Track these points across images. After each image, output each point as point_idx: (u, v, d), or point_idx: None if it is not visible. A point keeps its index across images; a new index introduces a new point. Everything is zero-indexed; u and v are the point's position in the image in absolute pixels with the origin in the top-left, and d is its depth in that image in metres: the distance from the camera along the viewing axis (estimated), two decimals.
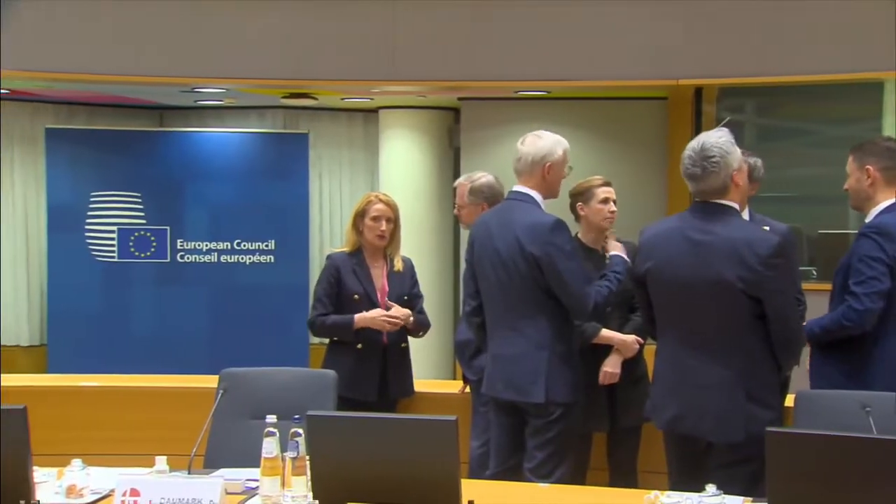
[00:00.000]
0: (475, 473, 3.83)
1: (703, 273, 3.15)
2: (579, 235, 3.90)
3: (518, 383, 3.51)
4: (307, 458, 2.68)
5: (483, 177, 4.15)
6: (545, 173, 3.57)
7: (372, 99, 7.86)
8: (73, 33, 6.10)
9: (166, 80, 6.43)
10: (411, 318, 4.12)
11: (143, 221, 7.82)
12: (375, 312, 4.07)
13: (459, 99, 7.66)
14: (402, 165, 8.05)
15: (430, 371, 7.14)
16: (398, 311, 4.08)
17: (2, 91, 7.46)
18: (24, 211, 8.20)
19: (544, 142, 3.58)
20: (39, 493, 2.75)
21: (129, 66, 6.18)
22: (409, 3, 6.21)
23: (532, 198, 3.57)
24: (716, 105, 6.80)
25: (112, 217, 7.78)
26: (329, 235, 8.53)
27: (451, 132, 8.14)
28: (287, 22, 6.22)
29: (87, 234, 7.75)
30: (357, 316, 4.06)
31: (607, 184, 3.91)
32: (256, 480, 2.84)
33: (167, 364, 6.74)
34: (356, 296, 4.11)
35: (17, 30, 5.98)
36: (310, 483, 2.66)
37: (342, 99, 7.91)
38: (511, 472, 3.57)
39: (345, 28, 6.24)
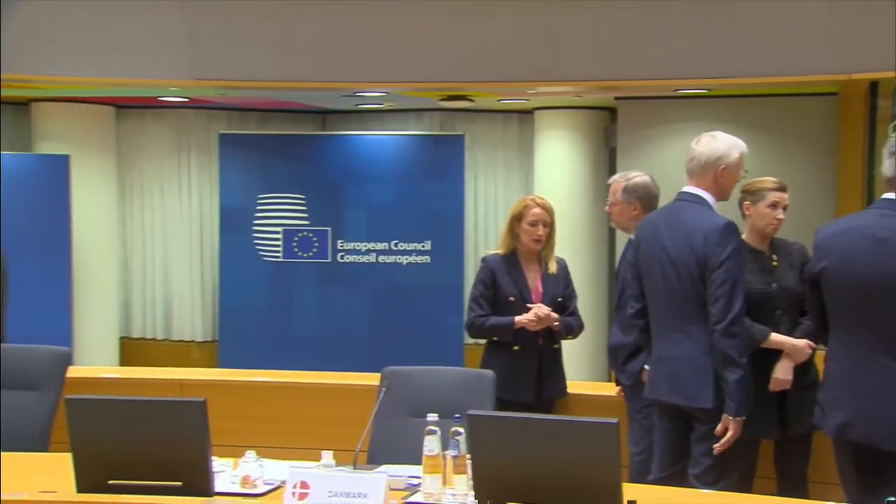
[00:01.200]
0: (635, 480, 3.78)
1: (890, 271, 3.02)
2: (744, 237, 3.78)
3: (685, 387, 3.43)
4: (468, 457, 2.73)
5: (638, 176, 4.09)
6: (718, 175, 3.48)
7: (528, 100, 7.88)
8: (248, 43, 6.38)
9: (331, 86, 6.65)
10: (556, 323, 4.12)
11: (307, 222, 8.10)
12: (532, 314, 4.09)
13: (616, 98, 7.57)
14: (558, 166, 8.03)
15: (584, 372, 7.10)
16: (541, 310, 4.09)
17: (181, 99, 7.93)
18: (199, 213, 8.63)
19: (719, 143, 3.50)
20: (217, 483, 2.90)
21: (297, 72, 6.41)
22: (566, 4, 6.19)
23: (703, 199, 3.49)
24: (893, 99, 6.45)
25: (278, 218, 8.10)
26: (484, 237, 8.60)
27: (608, 132, 8.06)
28: (445, 26, 6.32)
29: (255, 234, 8.10)
30: (517, 318, 4.09)
31: (781, 188, 3.77)
32: (418, 477, 2.91)
33: (327, 360, 6.98)
34: (511, 298, 4.14)
35: (196, 43, 6.33)
36: (471, 482, 2.71)
37: (498, 101, 7.96)
38: (675, 478, 3.49)
39: (501, 30, 6.27)
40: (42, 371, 3.94)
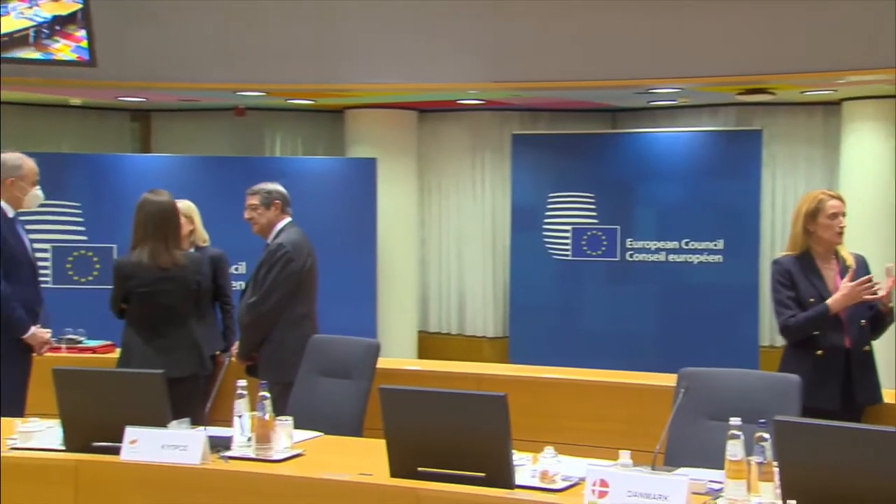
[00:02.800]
0: None
1: None
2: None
3: None
4: (775, 464, 2.63)
5: None
6: None
7: (835, 90, 7.42)
8: (544, 45, 6.50)
9: (625, 83, 6.62)
10: (878, 290, 3.89)
11: (596, 221, 8.10)
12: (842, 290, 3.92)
13: None
14: (868, 161, 7.50)
15: None
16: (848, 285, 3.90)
17: (478, 101, 8.21)
18: (492, 212, 8.88)
19: None
20: (517, 476, 2.98)
21: (591, 71, 6.45)
22: None
23: None
24: None
25: (567, 217, 8.16)
26: (781, 235, 8.19)
27: None
28: (742, 16, 6.10)
29: (545, 233, 8.22)
30: (829, 301, 3.91)
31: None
32: (719, 482, 2.84)
33: (615, 359, 6.94)
34: (811, 299, 3.95)
35: (495, 47, 6.54)
36: (778, 491, 2.60)
37: (801, 93, 7.57)
38: None
39: (804, 17, 5.96)
40: (355, 361, 4.23)
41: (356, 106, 8.46)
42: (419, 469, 2.99)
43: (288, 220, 4.79)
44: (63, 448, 3.31)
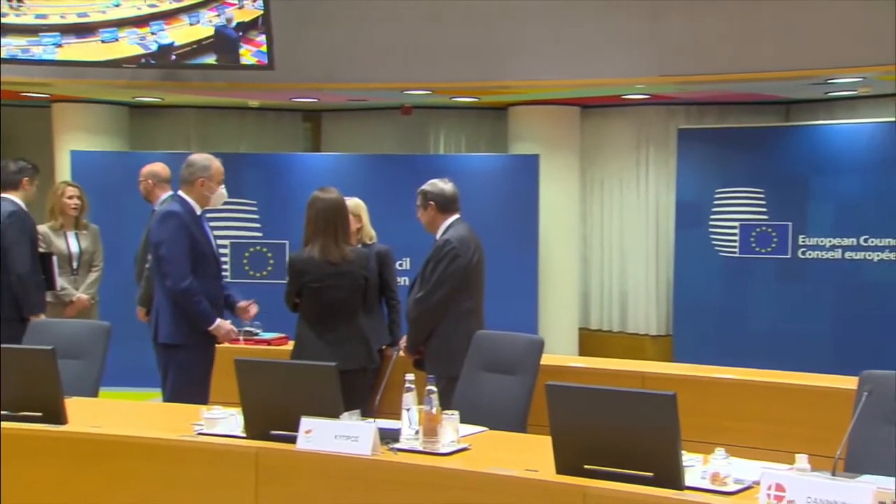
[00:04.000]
0: None
1: None
2: None
3: None
4: None
5: None
6: None
7: None
8: (711, 37, 6.35)
9: (799, 74, 6.38)
10: None
11: (765, 217, 7.84)
12: None
13: None
14: None
15: None
16: None
17: (642, 96, 8.08)
18: (656, 208, 8.73)
19: None
20: (687, 477, 2.92)
21: (763, 63, 6.24)
22: None
23: None
24: None
25: (735, 213, 7.93)
26: None
27: None
28: None
29: (711, 229, 8.01)
30: None
31: None
32: None
33: (785, 359, 6.69)
34: None
35: (661, 40, 6.42)
36: None
37: None
38: None
39: None
40: (520, 357, 4.25)
41: (519, 103, 8.48)
42: (585, 467, 2.98)
43: (455, 216, 4.84)
44: (244, 435, 3.47)
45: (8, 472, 3.52)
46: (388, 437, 3.37)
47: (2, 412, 3.62)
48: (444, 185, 4.85)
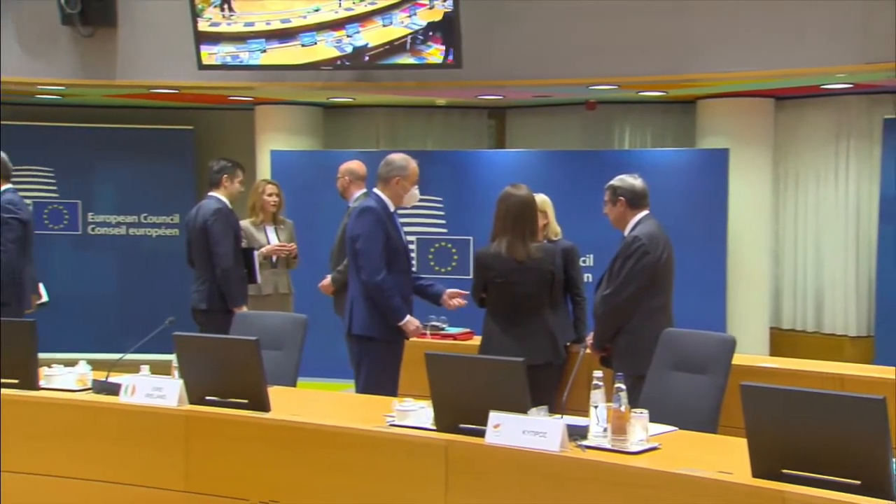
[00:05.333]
0: None
1: None
2: None
3: None
4: None
5: None
6: None
7: None
8: None
9: None
10: None
11: None
12: None
13: None
14: None
15: None
16: None
17: (844, 85, 7.68)
18: (857, 201, 8.28)
19: None
20: None
21: None
22: None
23: None
24: None
25: None
26: None
27: None
28: None
29: None
30: None
31: None
32: None
33: None
34: None
35: (867, 26, 6.09)
36: None
37: None
38: None
39: None
40: (711, 356, 4.14)
41: (709, 96, 8.26)
42: (783, 471, 2.88)
43: (645, 212, 4.77)
44: (434, 427, 3.55)
45: (216, 453, 3.75)
46: (576, 433, 3.36)
47: (211, 398, 3.85)
48: (634, 181, 4.79)
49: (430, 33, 6.96)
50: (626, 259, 4.65)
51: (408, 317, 4.90)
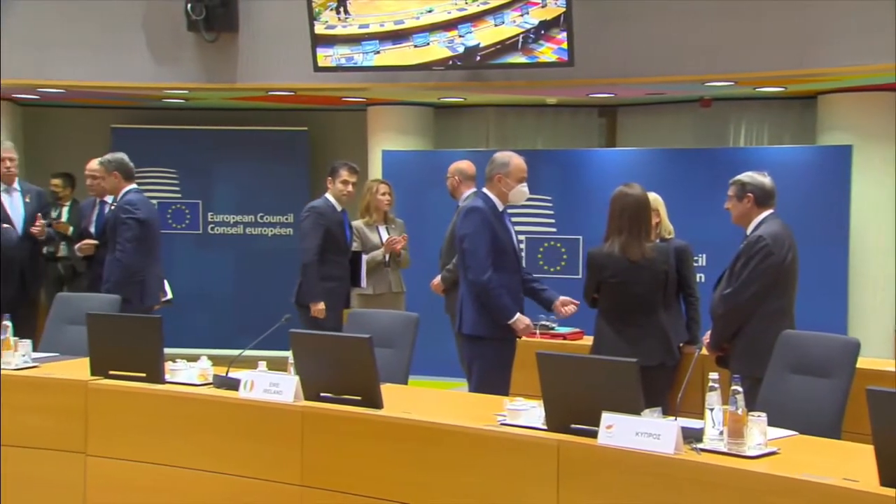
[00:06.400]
0: None
1: None
2: None
3: None
4: None
5: None
6: None
7: None
8: None
9: None
10: None
11: None
12: None
13: None
14: None
15: None
16: None
17: None
18: None
19: None
20: None
21: None
22: None
23: None
24: None
25: None
26: None
27: None
28: None
29: None
30: None
31: None
32: None
33: None
34: None
35: None
36: None
37: None
38: None
39: None
40: (834, 359, 4.01)
41: (831, 90, 7.99)
42: None
43: (769, 212, 4.65)
44: (545, 427, 3.54)
45: (331, 448, 3.82)
46: (691, 436, 3.30)
47: (326, 394, 3.93)
48: (763, 179, 4.68)
49: (543, 32, 6.94)
50: (748, 258, 4.53)
51: (517, 315, 4.89)
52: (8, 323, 4.51)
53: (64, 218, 7.69)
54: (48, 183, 8.07)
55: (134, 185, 6.29)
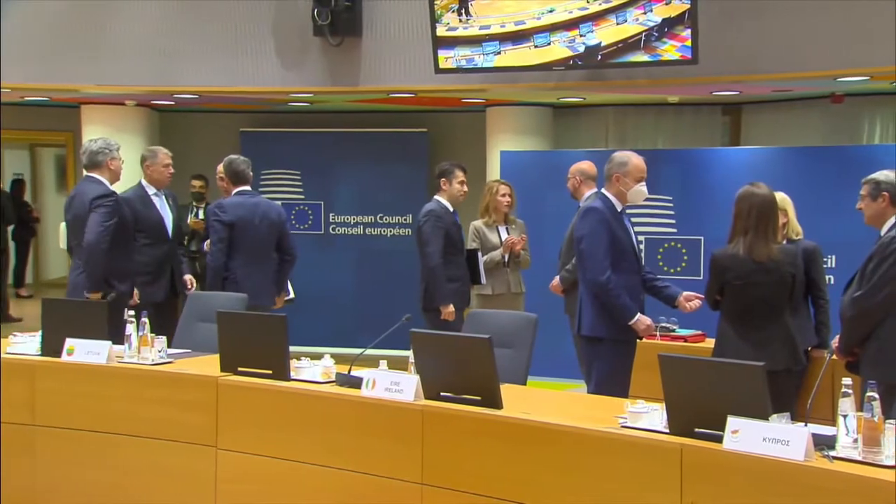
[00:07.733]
0: None
1: None
2: None
3: None
4: None
5: None
6: None
7: None
8: None
9: None
10: None
11: None
12: None
13: None
14: None
15: None
16: None
17: None
18: None
19: None
20: None
21: None
22: None
23: None
24: None
25: None
26: None
27: None
28: None
29: None
30: None
31: None
32: None
33: None
34: None
35: None
36: None
37: None
38: None
39: None
40: None
41: None
42: None
43: None
44: (667, 431, 3.48)
45: (451, 448, 3.85)
46: (823, 443, 3.20)
47: (446, 394, 3.96)
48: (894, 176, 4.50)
49: (666, 29, 6.82)
50: (882, 260, 4.34)
51: (638, 315, 4.83)
52: (145, 320, 4.70)
53: (201, 217, 8.08)
54: (184, 185, 8.42)
55: (244, 188, 6.38)
